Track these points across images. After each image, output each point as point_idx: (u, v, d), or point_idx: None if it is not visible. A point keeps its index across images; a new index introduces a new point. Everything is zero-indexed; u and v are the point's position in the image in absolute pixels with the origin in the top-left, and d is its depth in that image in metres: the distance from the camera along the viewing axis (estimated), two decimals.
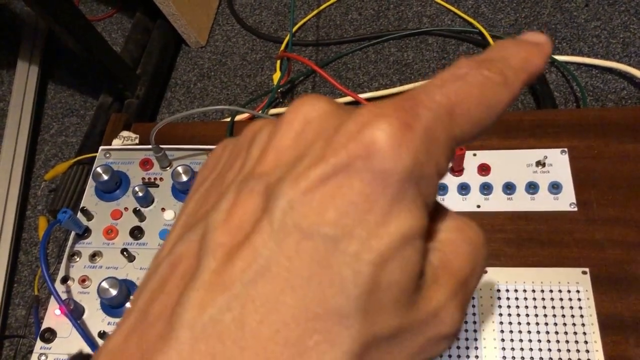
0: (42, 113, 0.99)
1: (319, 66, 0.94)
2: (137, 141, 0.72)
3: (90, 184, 0.63)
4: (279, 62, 0.95)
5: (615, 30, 0.89)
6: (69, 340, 0.53)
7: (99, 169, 0.60)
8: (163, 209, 0.60)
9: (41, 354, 0.53)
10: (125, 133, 0.73)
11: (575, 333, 0.54)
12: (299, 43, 0.98)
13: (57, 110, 0.99)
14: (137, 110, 0.89)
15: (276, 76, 0.94)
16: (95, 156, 0.82)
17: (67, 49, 1.08)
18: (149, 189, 0.60)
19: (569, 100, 0.83)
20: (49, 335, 0.54)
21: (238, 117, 0.80)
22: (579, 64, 0.86)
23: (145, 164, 0.63)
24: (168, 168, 0.63)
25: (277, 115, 0.86)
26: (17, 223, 0.85)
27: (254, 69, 0.97)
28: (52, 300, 0.56)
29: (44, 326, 0.54)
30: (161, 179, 0.62)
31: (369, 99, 0.84)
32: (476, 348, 0.55)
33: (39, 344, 0.54)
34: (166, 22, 0.99)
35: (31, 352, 0.75)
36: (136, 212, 0.59)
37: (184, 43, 1.03)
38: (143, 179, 0.62)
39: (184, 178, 0.58)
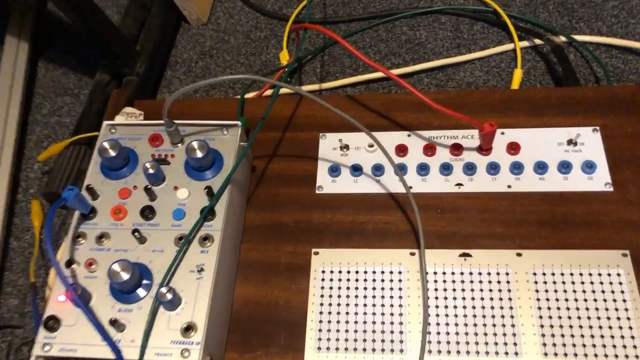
0: (33, 92, 0.93)
1: (332, 43, 0.90)
2: (141, 118, 0.67)
3: (95, 160, 0.58)
4: (286, 39, 0.91)
5: (634, 10, 0.86)
6: (76, 329, 0.49)
7: (105, 144, 0.55)
8: (176, 188, 0.55)
9: (45, 344, 0.48)
10: (128, 109, 0.68)
11: (618, 318, 0.51)
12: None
13: (49, 90, 0.93)
14: (136, 88, 0.84)
15: (283, 54, 0.89)
16: (93, 135, 0.78)
17: (58, 26, 1.02)
18: (160, 166, 0.56)
19: (589, 81, 0.80)
20: (53, 324, 0.49)
21: (248, 95, 0.76)
22: (597, 44, 0.83)
23: (155, 140, 0.59)
24: (180, 144, 0.58)
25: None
26: (8, 207, 0.79)
27: (259, 47, 0.93)
28: (56, 286, 0.51)
29: (47, 313, 0.50)
30: (172, 155, 0.58)
31: (401, 76, 0.81)
32: (514, 335, 0.52)
33: (42, 332, 0.49)
34: None
35: (26, 343, 0.70)
36: (147, 190, 0.55)
37: (184, 20, 0.98)
38: (153, 155, 0.58)
39: (199, 154, 0.54)
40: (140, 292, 0.50)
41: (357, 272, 0.56)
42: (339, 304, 0.55)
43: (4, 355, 0.68)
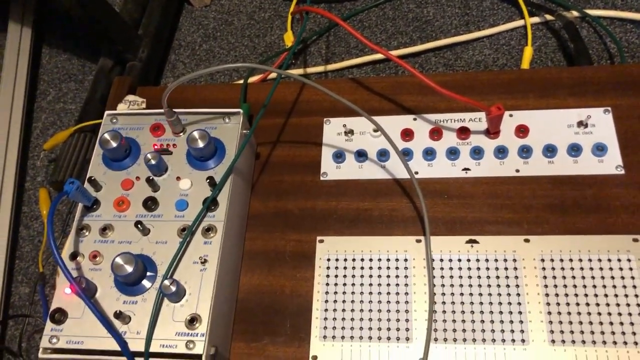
0: (38, 79, 0.93)
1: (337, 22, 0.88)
2: (144, 105, 0.67)
3: (97, 152, 0.58)
4: (290, 21, 0.89)
5: None
6: (82, 322, 0.49)
7: (106, 135, 0.55)
8: (178, 178, 0.55)
9: (52, 337, 0.49)
10: (131, 97, 0.67)
11: (628, 305, 0.50)
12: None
13: (53, 76, 0.93)
14: (140, 73, 0.83)
15: (288, 36, 0.88)
16: (97, 123, 0.77)
17: (60, 10, 1.01)
18: (162, 156, 0.55)
19: (603, 58, 0.78)
20: (60, 316, 0.50)
21: (251, 79, 0.74)
22: (612, 18, 0.81)
23: (156, 130, 0.58)
24: (181, 133, 0.58)
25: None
26: (16, 196, 0.80)
27: (263, 28, 0.91)
28: (61, 278, 0.51)
29: (53, 306, 0.50)
30: (174, 145, 0.57)
31: (408, 56, 0.79)
32: (521, 322, 0.51)
33: (49, 325, 0.49)
34: None
35: (38, 331, 0.71)
36: (149, 181, 0.54)
37: (187, 2, 0.96)
38: (154, 145, 0.57)
39: (201, 144, 0.53)
40: (145, 284, 0.50)
41: (362, 259, 0.56)
42: (344, 292, 0.55)
43: (16, 342, 0.69)
